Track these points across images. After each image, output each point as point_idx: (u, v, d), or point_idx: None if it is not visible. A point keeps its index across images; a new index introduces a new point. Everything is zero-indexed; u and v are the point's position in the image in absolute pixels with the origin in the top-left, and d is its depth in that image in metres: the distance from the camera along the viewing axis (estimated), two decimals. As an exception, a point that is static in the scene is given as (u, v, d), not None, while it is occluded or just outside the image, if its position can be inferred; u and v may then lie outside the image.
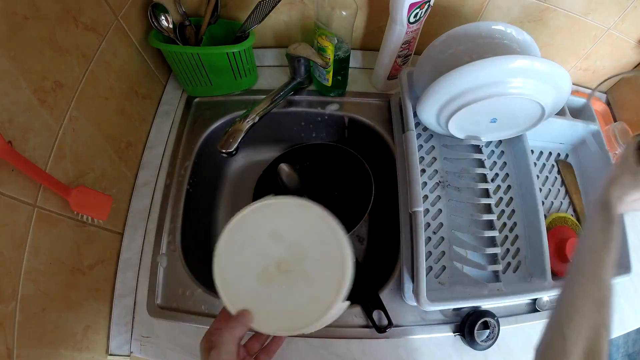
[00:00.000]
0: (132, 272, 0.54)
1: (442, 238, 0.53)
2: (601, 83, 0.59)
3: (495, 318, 0.49)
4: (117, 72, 0.53)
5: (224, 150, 0.53)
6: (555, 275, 0.50)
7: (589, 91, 0.76)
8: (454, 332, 0.50)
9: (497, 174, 0.58)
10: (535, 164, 0.61)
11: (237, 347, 0.33)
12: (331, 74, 0.61)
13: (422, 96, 0.50)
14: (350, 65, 0.63)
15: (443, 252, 0.52)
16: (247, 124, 0.54)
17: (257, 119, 0.55)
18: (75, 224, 0.45)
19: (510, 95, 0.44)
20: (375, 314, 0.50)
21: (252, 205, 0.36)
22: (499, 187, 0.57)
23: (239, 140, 0.53)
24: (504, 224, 0.55)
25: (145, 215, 0.57)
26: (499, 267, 0.51)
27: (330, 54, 0.57)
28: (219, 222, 0.70)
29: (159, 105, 0.66)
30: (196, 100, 0.67)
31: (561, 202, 0.60)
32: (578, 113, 0.60)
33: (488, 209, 0.55)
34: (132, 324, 0.51)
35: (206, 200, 0.69)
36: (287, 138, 0.74)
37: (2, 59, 0.34)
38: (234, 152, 0.53)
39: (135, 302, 0.52)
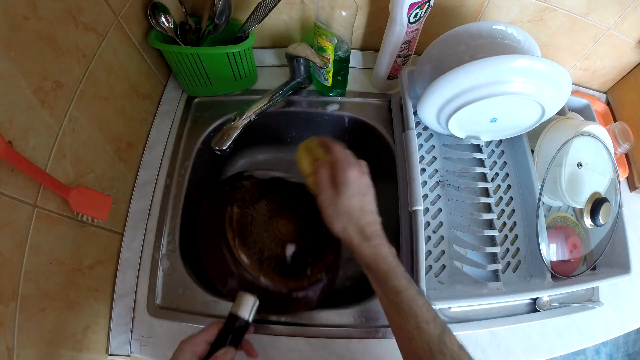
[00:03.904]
0: (132, 272, 0.53)
1: (442, 237, 0.53)
2: None
3: None
4: (117, 72, 0.53)
5: (217, 148, 0.53)
6: (555, 275, 0.50)
7: (589, 91, 0.76)
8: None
9: (497, 174, 0.58)
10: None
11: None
12: (331, 74, 0.61)
13: (422, 95, 0.50)
14: (350, 65, 0.63)
15: (443, 251, 0.52)
16: (242, 122, 0.54)
17: (253, 117, 0.55)
18: (75, 224, 0.45)
19: (510, 95, 0.44)
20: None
21: None
22: (499, 186, 0.57)
23: (233, 138, 0.53)
24: (504, 224, 0.55)
25: (145, 215, 0.57)
26: (499, 267, 0.51)
27: (330, 54, 0.57)
28: (219, 222, 0.70)
29: (159, 105, 0.66)
30: (196, 100, 0.67)
31: (561, 202, 0.60)
32: (578, 113, 0.60)
33: (488, 208, 0.55)
34: (132, 324, 0.51)
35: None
36: (287, 138, 0.74)
37: (2, 59, 0.34)
38: (227, 150, 0.53)
39: (135, 302, 0.52)
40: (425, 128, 0.60)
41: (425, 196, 0.55)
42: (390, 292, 0.37)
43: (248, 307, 0.41)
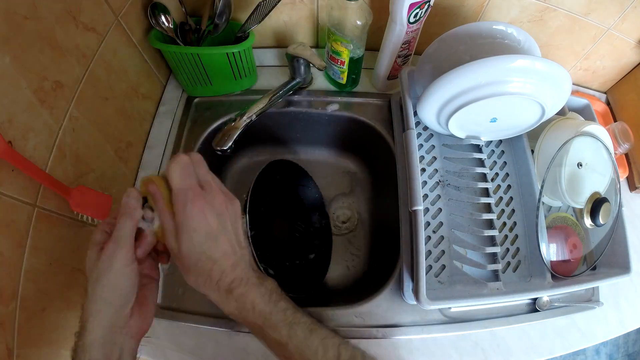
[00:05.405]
0: (132, 272, 0.53)
1: (442, 237, 0.53)
2: None
3: None
4: (117, 72, 0.53)
5: (218, 148, 0.53)
6: (555, 275, 0.50)
7: (589, 91, 0.76)
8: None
9: (497, 174, 0.58)
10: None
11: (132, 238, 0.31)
12: (346, 74, 0.63)
13: (422, 95, 0.50)
14: (351, 65, 0.63)
15: (443, 251, 0.52)
16: (243, 122, 0.54)
17: (253, 117, 0.56)
18: (75, 224, 0.45)
19: (510, 95, 0.44)
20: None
21: None
22: (499, 186, 0.57)
23: (234, 138, 0.53)
24: (504, 224, 0.55)
25: (145, 215, 0.57)
26: (499, 267, 0.51)
27: (345, 57, 0.59)
28: (219, 222, 0.70)
29: (159, 105, 0.66)
30: (196, 100, 0.67)
31: (561, 202, 0.59)
32: (578, 113, 0.60)
33: (488, 208, 0.55)
34: (132, 324, 0.51)
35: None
36: (287, 138, 0.74)
37: (2, 59, 0.34)
38: (228, 150, 0.53)
39: (135, 302, 0.52)
40: (425, 128, 0.60)
41: (425, 196, 0.55)
42: (274, 345, 0.32)
43: None
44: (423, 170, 0.57)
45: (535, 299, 0.52)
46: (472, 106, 0.46)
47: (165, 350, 0.50)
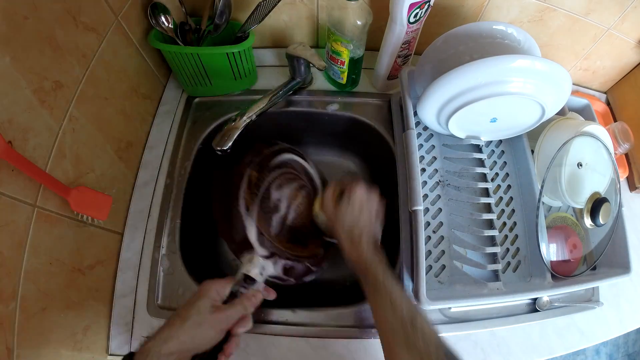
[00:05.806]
0: (132, 272, 0.54)
1: (442, 237, 0.53)
2: None
3: None
4: (117, 72, 0.53)
5: (218, 148, 0.53)
6: (555, 275, 0.50)
7: (589, 91, 0.76)
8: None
9: (497, 174, 0.58)
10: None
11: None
12: (346, 74, 0.63)
13: (422, 95, 0.50)
14: (351, 65, 0.63)
15: (443, 251, 0.52)
16: (243, 122, 0.54)
17: (253, 117, 0.56)
18: (75, 224, 0.45)
19: (510, 95, 0.44)
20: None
21: None
22: (499, 186, 0.57)
23: (234, 138, 0.54)
24: (504, 224, 0.55)
25: (145, 215, 0.57)
26: (499, 267, 0.51)
27: (345, 58, 0.59)
28: (219, 222, 0.70)
29: (159, 105, 0.66)
30: (196, 100, 0.67)
31: (561, 202, 0.60)
32: (578, 113, 0.60)
33: (488, 208, 0.55)
34: (132, 324, 0.51)
35: (206, 200, 0.69)
36: (287, 139, 0.74)
37: (2, 59, 0.34)
38: (228, 150, 0.54)
39: (135, 302, 0.52)
40: (425, 128, 0.60)
41: (425, 196, 0.55)
42: (371, 278, 0.41)
43: (257, 268, 0.46)
44: (423, 170, 0.57)
45: (535, 299, 0.52)
46: (472, 106, 0.46)
47: (165, 350, 0.50)
